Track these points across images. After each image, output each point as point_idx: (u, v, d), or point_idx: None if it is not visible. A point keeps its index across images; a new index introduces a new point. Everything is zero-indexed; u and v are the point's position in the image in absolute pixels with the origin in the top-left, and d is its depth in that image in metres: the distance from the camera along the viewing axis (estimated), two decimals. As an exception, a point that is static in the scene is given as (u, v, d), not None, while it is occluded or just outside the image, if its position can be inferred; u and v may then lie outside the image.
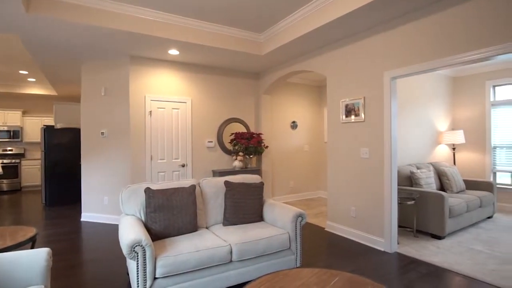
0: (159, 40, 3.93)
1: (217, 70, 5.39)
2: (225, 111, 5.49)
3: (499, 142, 5.51)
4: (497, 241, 3.73)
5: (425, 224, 3.90)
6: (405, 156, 4.98)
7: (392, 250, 3.42)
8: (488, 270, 2.90)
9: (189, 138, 5.07)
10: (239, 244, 2.43)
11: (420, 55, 3.09)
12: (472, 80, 5.83)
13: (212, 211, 2.96)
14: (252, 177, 3.23)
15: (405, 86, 5.01)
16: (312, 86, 6.70)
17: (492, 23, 2.54)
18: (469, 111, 5.87)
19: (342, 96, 4.01)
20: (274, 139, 6.10)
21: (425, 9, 3.03)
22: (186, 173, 5.05)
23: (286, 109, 6.29)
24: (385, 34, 3.43)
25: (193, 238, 2.47)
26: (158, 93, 4.81)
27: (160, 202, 2.57)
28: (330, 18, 3.32)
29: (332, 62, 4.16)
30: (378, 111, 3.54)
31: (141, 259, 2.04)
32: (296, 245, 2.71)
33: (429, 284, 2.66)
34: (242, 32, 4.39)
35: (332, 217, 4.19)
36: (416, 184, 4.26)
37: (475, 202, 4.26)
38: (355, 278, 1.82)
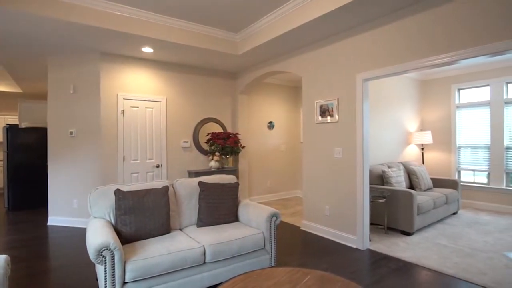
0: (132, 37, 3.82)
1: (193, 69, 5.31)
2: (201, 110, 5.42)
3: (463, 143, 5.83)
4: (461, 235, 3.93)
5: (396, 221, 4.05)
6: (377, 156, 5.15)
7: (364, 247, 3.52)
8: (452, 263, 3.06)
9: (164, 138, 4.96)
10: (212, 245, 2.40)
11: (390, 58, 3.20)
12: (439, 84, 6.13)
13: (186, 212, 2.91)
14: (227, 177, 3.20)
15: (377, 88, 5.18)
16: (289, 87, 6.77)
17: (455, 29, 2.67)
18: (436, 113, 6.17)
19: (317, 97, 4.08)
20: (251, 139, 6.11)
21: (395, 14, 3.14)
22: (160, 174, 4.93)
23: (263, 109, 6.31)
24: (358, 37, 3.53)
25: (165, 241, 2.41)
26: (131, 91, 4.66)
27: (131, 204, 2.49)
28: (305, 20, 3.36)
29: (307, 63, 4.22)
30: (351, 112, 3.63)
31: (109, 263, 1.96)
32: (271, 245, 2.72)
33: (398, 279, 2.75)
34: (218, 31, 4.35)
35: (308, 216, 4.25)
36: (387, 183, 4.41)
37: (441, 199, 4.48)
38: (326, 275, 1.85)
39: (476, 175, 5.68)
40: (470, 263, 3.08)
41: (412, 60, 2.99)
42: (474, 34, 2.55)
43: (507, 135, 5.25)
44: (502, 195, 5.24)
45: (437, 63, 2.81)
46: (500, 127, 5.29)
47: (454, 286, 2.62)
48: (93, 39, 3.88)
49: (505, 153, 5.25)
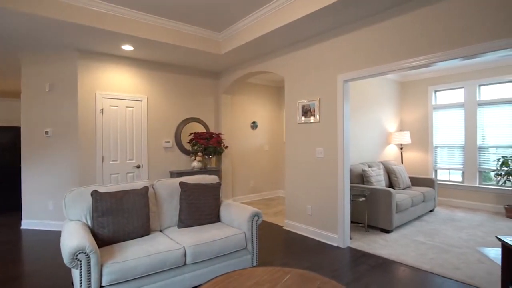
0: (111, 35, 3.72)
1: (175, 68, 5.24)
2: (183, 110, 5.35)
3: (440, 142, 6.04)
4: (437, 232, 4.07)
5: (375, 219, 4.15)
6: (358, 155, 5.26)
7: (345, 245, 3.58)
8: (428, 259, 3.16)
9: (145, 138, 4.86)
10: (193, 246, 2.37)
11: (370, 60, 3.27)
12: (417, 85, 6.33)
13: (166, 213, 2.86)
14: (209, 178, 3.18)
15: (358, 89, 5.28)
16: (272, 87, 6.80)
17: (432, 33, 2.76)
18: (414, 114, 6.36)
19: (299, 97, 4.11)
20: (234, 139, 6.09)
21: (374, 17, 3.21)
22: (141, 175, 4.83)
23: (246, 109, 6.31)
24: (339, 38, 3.58)
25: (144, 242, 2.36)
26: (111, 90, 4.54)
27: (109, 205, 2.42)
28: (288, 20, 3.38)
29: (290, 64, 4.25)
30: (332, 112, 3.68)
31: (84, 267, 1.90)
32: (253, 245, 2.72)
33: (377, 276, 2.82)
34: (201, 30, 4.31)
35: (290, 216, 4.28)
36: (367, 182, 4.50)
37: (419, 197, 4.62)
38: (306, 274, 1.87)
39: (451, 173, 5.90)
40: (445, 258, 3.19)
41: (391, 62, 3.07)
42: (449, 37, 2.64)
43: (480, 136, 5.48)
44: (475, 193, 5.47)
45: (414, 65, 2.89)
46: (473, 127, 5.52)
47: (429, 281, 2.71)
48: (70, 36, 3.75)
49: (478, 153, 5.48)
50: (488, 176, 5.41)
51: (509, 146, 5.14)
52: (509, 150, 5.13)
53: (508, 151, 5.14)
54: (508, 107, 5.16)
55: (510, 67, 5.11)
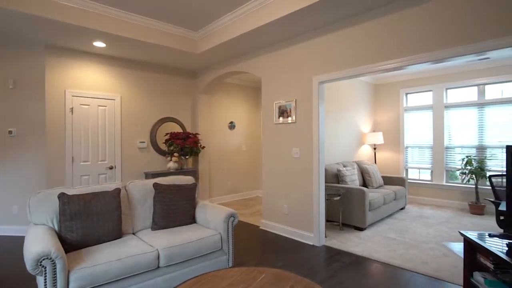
0: (82, 30, 3.57)
1: (150, 67, 5.12)
2: (159, 110, 5.23)
3: (410, 143, 6.30)
4: (407, 229, 4.24)
5: (350, 217, 4.26)
6: (333, 155, 5.38)
7: (320, 243, 3.64)
8: (398, 255, 3.29)
9: (118, 138, 4.71)
10: (167, 249, 2.32)
11: (344, 62, 3.36)
12: (389, 88, 6.57)
13: (139, 215, 2.78)
14: (184, 178, 3.13)
15: (334, 91, 5.40)
16: (250, 87, 6.80)
17: (404, 37, 2.88)
18: (387, 115, 6.60)
19: (276, 98, 4.14)
20: (212, 139, 6.03)
21: (349, 20, 3.30)
22: (114, 176, 4.67)
23: (224, 109, 6.27)
24: (315, 40, 3.65)
25: (116, 246, 2.28)
26: (82, 88, 4.36)
27: (77, 208, 2.32)
28: (265, 21, 3.40)
29: (267, 64, 4.27)
30: (308, 113, 3.74)
31: (49, 274, 1.81)
32: (228, 245, 2.70)
33: (350, 273, 2.89)
34: (177, 29, 4.24)
35: (267, 215, 4.30)
36: (342, 181, 4.61)
37: (391, 196, 4.80)
38: (280, 273, 1.88)
39: (421, 172, 6.18)
40: (414, 253, 3.33)
41: (365, 65, 3.17)
42: (419, 42, 2.76)
43: (446, 136, 5.77)
44: (442, 191, 5.76)
45: (387, 68, 3.00)
46: (440, 129, 5.80)
47: (399, 276, 2.81)
48: (37, 30, 3.56)
49: (445, 153, 5.77)
50: (454, 174, 5.70)
51: (473, 146, 5.46)
52: (473, 150, 5.44)
53: (472, 151, 5.45)
54: (472, 109, 5.47)
55: (474, 72, 5.42)
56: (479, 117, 5.40)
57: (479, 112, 5.40)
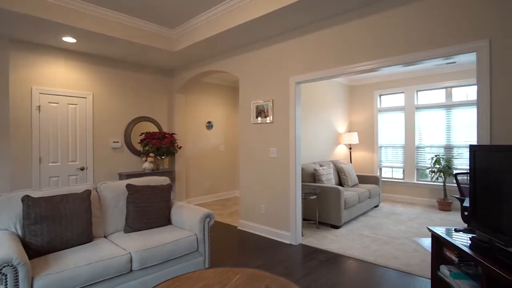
0: (50, 24, 3.40)
1: (124, 64, 4.96)
2: (134, 109, 5.09)
3: (384, 143, 6.52)
4: (381, 226, 4.38)
5: (326, 216, 4.34)
6: (310, 155, 5.46)
7: (297, 242, 3.68)
8: (371, 251, 3.39)
9: (90, 138, 4.52)
10: (140, 252, 2.25)
11: (320, 63, 3.41)
12: (364, 89, 6.77)
13: (111, 218, 2.69)
14: (159, 179, 3.05)
15: (311, 92, 5.49)
16: (228, 87, 6.77)
17: (378, 39, 2.96)
18: (361, 116, 6.79)
19: (253, 98, 4.15)
20: (189, 139, 5.94)
21: (325, 22, 3.36)
22: (86, 177, 4.49)
23: (202, 109, 6.20)
24: (292, 41, 3.69)
25: (85, 250, 2.19)
26: (50, 85, 4.15)
27: (43, 211, 2.20)
28: (242, 20, 3.39)
29: (244, 64, 4.26)
30: (285, 113, 3.77)
31: (11, 282, 1.70)
32: (205, 246, 2.67)
33: (326, 270, 2.94)
34: (153, 26, 4.14)
35: (244, 215, 4.29)
36: (318, 180, 4.69)
37: (365, 194, 4.94)
38: (255, 273, 1.88)
39: (394, 171, 6.41)
40: (387, 249, 3.45)
41: (341, 66, 3.23)
42: (392, 45, 2.86)
43: (417, 136, 6.03)
44: (413, 189, 6.00)
45: (362, 69, 3.08)
46: (411, 129, 6.05)
47: (372, 271, 2.90)
48: (2, 24, 3.35)
49: (416, 152, 6.02)
50: (424, 173, 5.96)
51: (441, 146, 5.73)
52: (441, 150, 5.72)
53: (441, 151, 5.72)
54: (441, 111, 5.75)
55: (442, 75, 5.69)
56: (446, 118, 5.68)
57: (447, 113, 5.68)
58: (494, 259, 1.70)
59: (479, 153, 2.07)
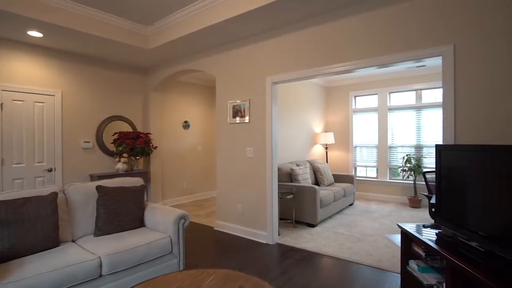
0: (13, 17, 3.20)
1: (96, 61, 4.77)
2: (107, 107, 4.91)
3: (359, 142, 6.70)
4: (355, 223, 4.50)
5: (302, 215, 4.39)
6: (287, 155, 5.51)
7: (274, 241, 3.70)
8: (345, 248, 3.47)
9: (59, 138, 4.31)
10: (111, 256, 2.17)
11: (297, 63, 3.45)
12: (340, 90, 6.92)
13: (80, 221, 2.57)
14: (132, 180, 2.96)
15: (289, 92, 5.54)
16: (205, 87, 6.69)
17: (353, 41, 3.03)
18: (337, 116, 6.94)
19: (230, 98, 4.12)
20: (165, 139, 5.81)
21: (301, 23, 3.40)
22: (54, 179, 4.27)
23: (178, 109, 6.09)
24: (269, 41, 3.70)
25: (51, 255, 2.08)
26: (14, 82, 3.92)
27: (4, 216, 2.07)
28: (219, 19, 3.35)
29: (221, 63, 4.23)
30: (261, 113, 3.78)
31: (-35, 291, 1.59)
32: (179, 248, 2.62)
33: (301, 268, 2.98)
34: (126, 22, 4.01)
35: (221, 216, 4.26)
36: (295, 180, 4.74)
37: (340, 193, 5.05)
38: (230, 274, 1.87)
39: (368, 170, 6.60)
40: (360, 246, 3.54)
41: (316, 67, 3.28)
42: (366, 47, 2.94)
43: (390, 137, 6.25)
44: (386, 187, 6.21)
45: (336, 70, 3.14)
46: (384, 129, 6.26)
47: (346, 268, 2.97)
48: (-45, 14, 3.12)
49: (388, 152, 6.24)
50: (396, 172, 6.19)
51: (412, 146, 5.97)
52: (412, 149, 5.96)
53: (411, 150, 5.96)
54: (411, 112, 5.99)
55: (413, 78, 5.93)
56: (417, 119, 5.93)
57: (417, 114, 5.92)
58: (457, 253, 1.78)
59: (444, 152, 2.17)
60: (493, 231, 1.68)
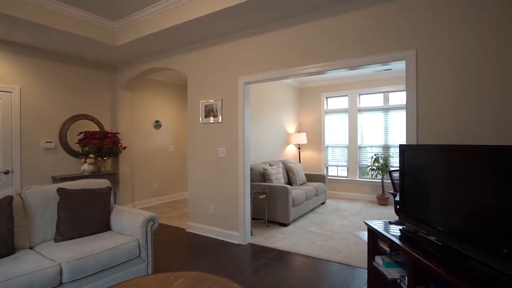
0: (-39, 6, 2.95)
1: (60, 56, 4.52)
2: (71, 106, 4.66)
3: (330, 143, 6.87)
4: (326, 222, 4.60)
5: (275, 214, 4.42)
6: (261, 155, 5.53)
7: (246, 241, 3.70)
8: (317, 246, 3.54)
9: (17, 137, 4.03)
10: (72, 262, 2.06)
11: (269, 64, 3.47)
12: (312, 91, 7.06)
13: (39, 226, 2.42)
14: (97, 182, 2.83)
15: (263, 92, 5.56)
16: (177, 85, 6.56)
17: (325, 44, 3.10)
18: (310, 117, 7.07)
19: (202, 97, 4.07)
20: (135, 139, 5.62)
21: (273, 24, 3.42)
22: (11, 182, 3.99)
23: (149, 108, 5.91)
24: (242, 41, 3.69)
25: (5, 264, 1.93)
26: (-36, 77, 3.61)
27: (-51, 222, 1.90)
28: (191, 17, 3.28)
29: (194, 62, 4.16)
30: (234, 113, 3.76)
31: None
32: (147, 252, 2.54)
33: (273, 267, 2.99)
34: (93, 16, 3.82)
35: (193, 217, 4.19)
36: (268, 180, 4.77)
37: (312, 192, 5.15)
38: (199, 276, 1.83)
39: (339, 170, 6.79)
40: (330, 244, 3.63)
41: (288, 68, 3.32)
42: (336, 50, 3.01)
43: (359, 137, 6.46)
44: (356, 185, 6.42)
45: (308, 71, 3.19)
46: (354, 130, 6.46)
47: (317, 266, 3.02)
48: None
49: (358, 151, 6.45)
50: (366, 171, 6.41)
51: (380, 146, 6.22)
52: (380, 149, 6.20)
53: (379, 150, 6.20)
54: (379, 113, 6.23)
55: (381, 80, 6.18)
56: (384, 120, 6.18)
57: (385, 116, 6.18)
58: (417, 248, 1.87)
59: (407, 152, 2.27)
60: (450, 226, 1.78)
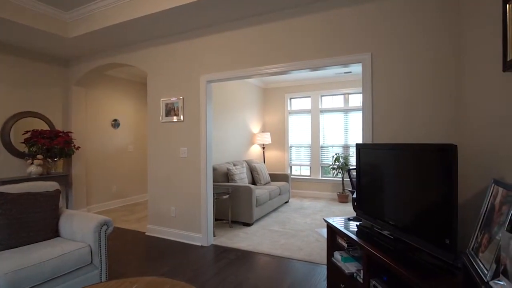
0: None
1: (3, 47, 4.09)
2: (15, 102, 4.24)
3: (294, 142, 7.01)
4: (289, 220, 4.68)
5: (238, 214, 4.40)
6: (224, 155, 5.48)
7: (209, 243, 3.63)
8: (279, 245, 3.58)
9: (-51, 137, 3.59)
10: (11, 273, 1.86)
11: (232, 63, 3.44)
12: (276, 92, 7.15)
13: (-27, 235, 2.16)
14: (44, 185, 2.60)
15: (227, 92, 5.51)
16: (137, 82, 6.28)
17: (287, 44, 3.13)
18: (274, 117, 7.16)
19: (163, 95, 3.93)
20: (90, 139, 5.28)
21: (237, 22, 3.39)
22: None
23: (106, 105, 5.59)
24: (205, 38, 3.61)
25: None
26: None
27: None
28: (150, 11, 3.15)
29: (153, 58, 4.00)
30: (196, 112, 3.68)
31: None
32: (100, 258, 2.38)
33: (235, 268, 2.97)
34: (41, 5, 3.52)
35: (153, 220, 4.03)
36: (232, 180, 4.74)
37: (276, 191, 5.20)
38: (155, 281, 1.75)
39: (302, 169, 6.94)
40: (293, 242, 3.69)
41: (251, 67, 3.31)
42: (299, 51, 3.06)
43: (321, 137, 6.67)
44: (318, 184, 6.61)
45: (271, 71, 3.21)
46: (317, 130, 6.66)
47: (279, 264, 3.05)
48: None
49: (320, 151, 6.65)
50: (327, 170, 6.63)
51: (340, 145, 6.47)
52: (340, 149, 6.45)
53: (340, 150, 6.45)
54: (340, 114, 6.48)
55: (341, 83, 6.43)
56: (345, 121, 6.44)
57: (345, 116, 6.44)
58: (372, 242, 1.96)
59: (362, 150, 2.37)
60: (400, 220, 1.89)
